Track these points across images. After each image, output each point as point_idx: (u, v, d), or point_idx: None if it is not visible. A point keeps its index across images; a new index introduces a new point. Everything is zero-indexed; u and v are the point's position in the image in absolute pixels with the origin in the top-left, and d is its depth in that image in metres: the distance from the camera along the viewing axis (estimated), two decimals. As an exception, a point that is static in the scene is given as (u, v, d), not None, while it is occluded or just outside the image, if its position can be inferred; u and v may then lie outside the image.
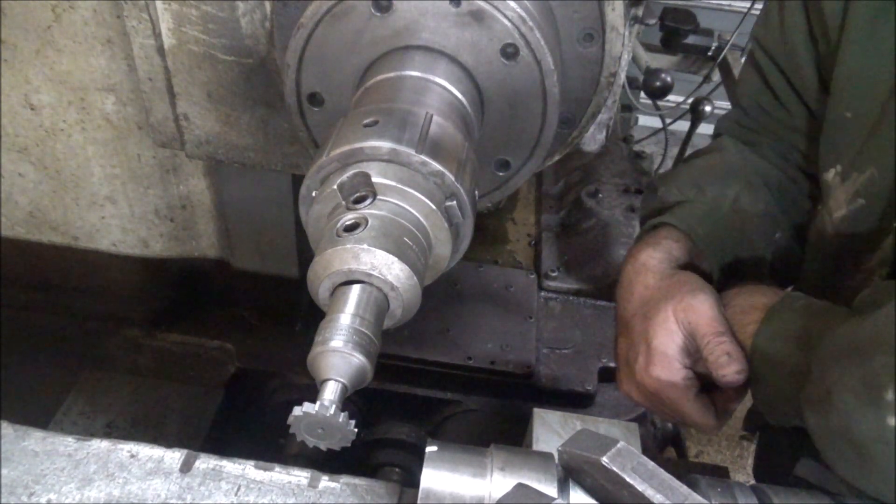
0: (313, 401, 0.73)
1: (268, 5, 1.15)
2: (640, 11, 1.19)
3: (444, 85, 1.01)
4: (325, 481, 0.95)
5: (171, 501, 0.92)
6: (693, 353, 1.07)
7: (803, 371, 0.91)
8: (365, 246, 0.79)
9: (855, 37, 1.07)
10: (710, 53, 3.05)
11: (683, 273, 1.15)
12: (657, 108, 3.12)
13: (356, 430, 0.75)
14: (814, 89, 1.20)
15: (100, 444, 0.97)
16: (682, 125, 3.19)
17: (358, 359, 0.75)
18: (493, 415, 1.82)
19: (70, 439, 0.97)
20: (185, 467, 0.95)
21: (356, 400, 1.82)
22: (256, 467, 0.96)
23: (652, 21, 2.76)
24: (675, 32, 2.98)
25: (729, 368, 1.01)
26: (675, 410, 1.09)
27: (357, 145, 0.86)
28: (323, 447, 0.76)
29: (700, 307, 1.06)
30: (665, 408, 1.11)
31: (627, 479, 0.72)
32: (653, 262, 1.17)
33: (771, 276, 1.23)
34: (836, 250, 1.13)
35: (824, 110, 1.15)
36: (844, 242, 1.12)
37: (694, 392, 1.08)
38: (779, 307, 1.02)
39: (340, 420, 0.73)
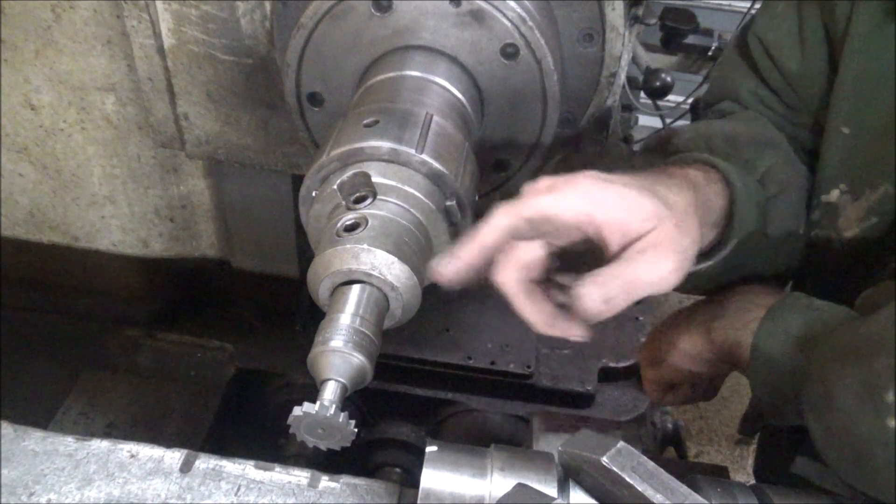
0: (313, 401, 0.73)
1: (268, 5, 1.15)
2: (640, 11, 1.19)
3: (444, 85, 1.01)
4: (325, 481, 0.95)
5: (171, 501, 0.92)
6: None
7: (803, 371, 0.91)
8: (365, 246, 0.79)
9: (858, 43, 1.00)
10: (710, 53, 3.05)
11: None
12: (657, 108, 3.11)
13: (356, 430, 0.75)
14: (821, 96, 1.09)
15: (100, 444, 0.97)
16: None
17: (358, 359, 0.75)
18: (493, 415, 1.82)
19: (70, 439, 0.97)
20: (185, 467, 0.95)
21: (356, 400, 1.82)
22: (256, 467, 0.96)
23: (652, 21, 2.75)
24: (675, 32, 2.97)
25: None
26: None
27: (357, 145, 0.86)
28: (323, 447, 0.76)
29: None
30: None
31: (627, 479, 0.72)
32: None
33: (773, 276, 1.14)
34: (844, 265, 1.07)
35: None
36: (853, 259, 1.06)
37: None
38: (780, 306, 1.01)
39: (340, 420, 0.73)
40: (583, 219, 0.82)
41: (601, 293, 0.81)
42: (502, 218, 0.82)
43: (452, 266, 0.82)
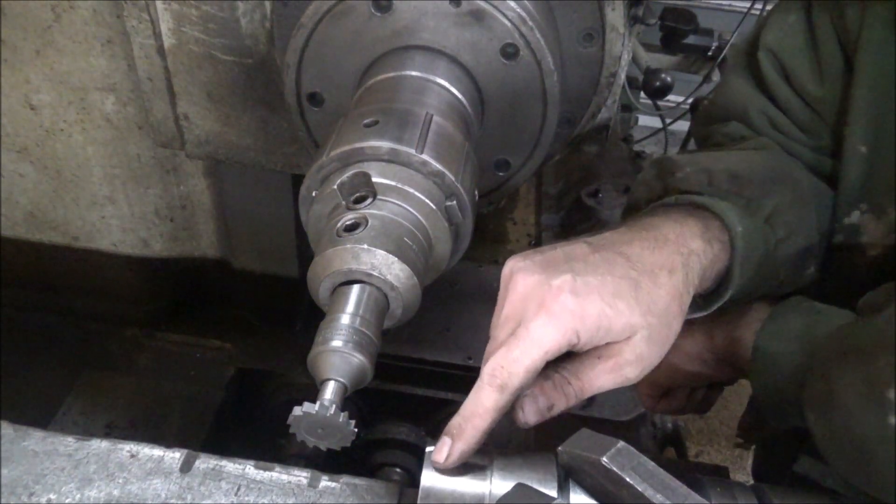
0: (313, 401, 0.73)
1: (268, 5, 1.15)
2: (640, 11, 1.19)
3: (444, 85, 1.01)
4: (325, 481, 0.95)
5: (171, 501, 0.92)
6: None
7: (805, 370, 0.91)
8: (365, 246, 0.79)
9: (870, 55, 0.97)
10: (710, 53, 3.05)
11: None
12: (657, 108, 3.11)
13: (356, 430, 0.75)
14: (839, 115, 1.05)
15: (100, 444, 0.97)
16: (682, 125, 3.19)
17: (358, 359, 0.75)
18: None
19: (70, 439, 0.97)
20: (185, 467, 0.95)
21: (356, 400, 1.82)
22: (256, 467, 0.96)
23: (652, 21, 2.75)
24: (675, 32, 2.97)
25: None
26: None
27: (357, 145, 0.86)
28: (323, 447, 0.76)
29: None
30: None
31: (627, 479, 0.72)
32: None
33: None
34: (869, 284, 1.01)
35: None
36: (879, 277, 1.02)
37: None
38: (782, 308, 1.01)
39: (340, 420, 0.73)
40: (563, 349, 0.83)
41: (544, 403, 0.86)
42: (490, 399, 0.84)
43: (452, 458, 0.83)
